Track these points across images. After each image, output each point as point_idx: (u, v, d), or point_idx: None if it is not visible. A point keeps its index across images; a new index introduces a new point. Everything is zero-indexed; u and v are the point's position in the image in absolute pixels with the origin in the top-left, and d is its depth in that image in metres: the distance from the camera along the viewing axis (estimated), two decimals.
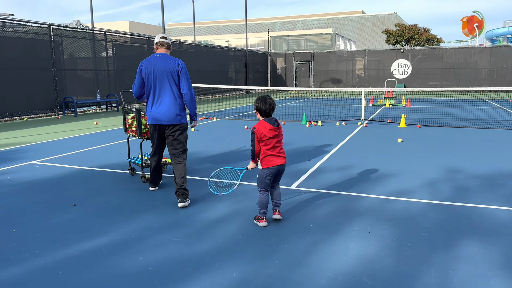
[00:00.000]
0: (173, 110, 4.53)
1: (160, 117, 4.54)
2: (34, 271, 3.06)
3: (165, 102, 4.52)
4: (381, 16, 61.53)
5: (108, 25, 50.06)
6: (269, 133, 3.75)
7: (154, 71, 4.51)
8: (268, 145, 3.79)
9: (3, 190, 5.15)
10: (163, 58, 4.55)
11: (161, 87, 4.52)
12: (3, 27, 13.06)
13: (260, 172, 3.88)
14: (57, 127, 11.31)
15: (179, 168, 4.60)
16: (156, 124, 4.61)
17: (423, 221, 4.01)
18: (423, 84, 28.07)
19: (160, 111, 4.53)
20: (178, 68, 4.53)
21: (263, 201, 3.89)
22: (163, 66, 4.49)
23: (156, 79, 4.51)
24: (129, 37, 18.88)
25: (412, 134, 9.55)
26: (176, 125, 4.59)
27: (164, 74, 4.49)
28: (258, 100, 3.81)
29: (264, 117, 3.83)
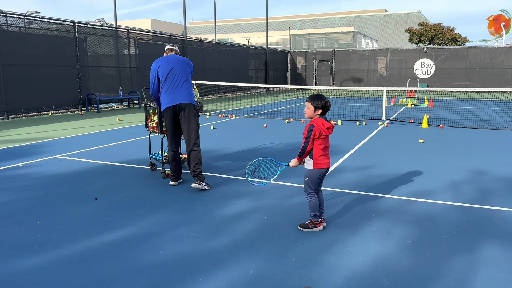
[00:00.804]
0: (187, 93, 5.04)
1: (176, 98, 4.96)
2: (57, 262, 3.15)
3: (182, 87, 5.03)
4: (404, 14, 60.54)
5: (131, 23, 50.77)
6: (326, 131, 3.61)
7: (172, 64, 5.04)
8: (322, 144, 3.65)
9: (29, 183, 5.30)
10: (175, 55, 5.21)
11: (179, 76, 5.03)
12: (30, 24, 13.40)
13: (311, 173, 3.69)
14: (80, 123, 11.56)
15: (194, 155, 4.96)
16: (171, 107, 4.95)
17: (444, 223, 3.94)
18: (447, 84, 27.52)
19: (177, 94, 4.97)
20: (189, 63, 5.24)
21: (315, 204, 3.72)
22: (180, 60, 5.12)
23: (174, 71, 5.03)
24: (152, 35, 19.10)
25: (434, 134, 9.38)
26: (189, 105, 4.97)
27: (182, 66, 5.08)
28: (322, 98, 3.64)
29: (322, 115, 3.69)
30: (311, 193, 3.73)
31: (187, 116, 4.97)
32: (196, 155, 4.97)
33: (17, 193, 4.86)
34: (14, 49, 12.59)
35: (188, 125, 4.98)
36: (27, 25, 13.24)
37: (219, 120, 12.03)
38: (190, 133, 4.98)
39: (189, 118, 4.97)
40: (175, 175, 5.20)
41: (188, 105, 4.98)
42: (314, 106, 3.65)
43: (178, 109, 4.97)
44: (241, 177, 5.62)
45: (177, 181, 5.22)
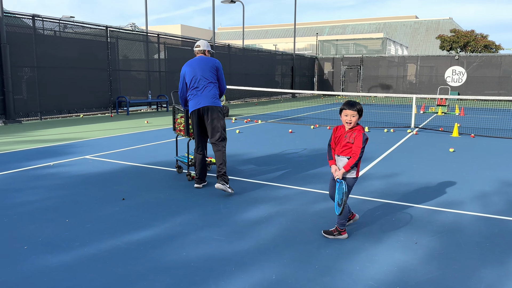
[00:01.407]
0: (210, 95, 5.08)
1: (200, 102, 5.04)
2: (84, 259, 3.22)
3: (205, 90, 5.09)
4: (436, 21, 59.33)
5: (161, 28, 51.79)
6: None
7: (194, 70, 5.13)
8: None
9: (59, 182, 5.46)
10: (201, 58, 5.25)
11: (202, 80, 5.10)
12: (64, 28, 13.86)
13: (352, 182, 3.68)
14: (110, 125, 11.83)
15: (218, 156, 5.03)
16: (195, 110, 5.06)
17: (473, 235, 3.82)
18: (479, 93, 26.73)
19: (200, 98, 5.06)
20: (215, 65, 5.23)
21: (346, 212, 3.69)
22: (203, 63, 5.16)
23: (196, 74, 5.11)
24: (181, 40, 19.42)
25: (465, 144, 9.12)
26: (212, 107, 5.02)
27: (204, 69, 5.13)
28: (358, 103, 3.61)
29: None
30: (346, 201, 3.64)
31: (210, 118, 5.03)
32: (221, 155, 5.02)
33: (48, 191, 5.02)
34: (49, 52, 13.04)
35: (211, 127, 5.04)
36: (61, 29, 13.70)
37: (245, 125, 12.08)
38: (214, 134, 5.04)
39: (212, 120, 5.03)
40: (200, 178, 5.27)
41: (211, 107, 5.03)
42: (359, 113, 3.59)
43: (202, 112, 5.04)
44: (265, 181, 5.62)
45: (201, 184, 5.27)
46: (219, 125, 5.05)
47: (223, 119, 5.15)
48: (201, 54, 5.35)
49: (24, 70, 12.42)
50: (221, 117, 5.10)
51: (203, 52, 5.36)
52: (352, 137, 3.58)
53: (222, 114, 5.13)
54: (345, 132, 3.67)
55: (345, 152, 3.63)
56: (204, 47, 5.37)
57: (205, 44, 5.41)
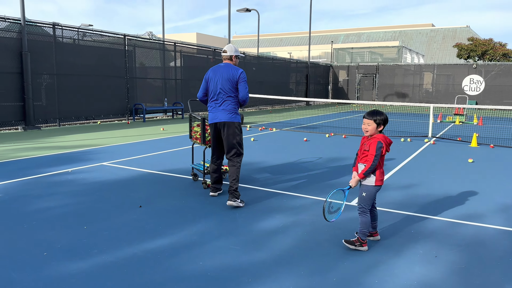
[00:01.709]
0: (225, 110, 4.98)
1: (217, 116, 4.99)
2: (102, 267, 3.24)
3: (222, 105, 5.00)
4: (452, 29, 58.76)
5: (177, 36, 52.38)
6: (388, 147, 3.63)
7: (215, 79, 5.03)
8: (382, 161, 3.64)
9: (77, 189, 5.52)
10: (226, 66, 5.06)
11: (221, 93, 4.99)
12: (83, 36, 14.12)
13: (371, 189, 3.65)
14: (127, 132, 11.96)
15: (231, 171, 4.99)
16: (212, 124, 5.04)
17: (495, 249, 3.73)
18: (497, 102, 26.30)
19: (219, 112, 4.99)
20: (237, 75, 4.99)
21: (367, 221, 3.66)
22: (224, 74, 4.99)
23: (217, 84, 5.00)
24: (197, 48, 19.60)
25: (484, 154, 8.96)
26: (228, 123, 4.94)
27: (225, 82, 4.98)
28: (379, 113, 3.61)
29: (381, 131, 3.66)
30: (366, 210, 3.68)
31: (227, 134, 4.95)
32: (234, 171, 4.96)
33: (65, 198, 5.08)
34: (68, 60, 13.29)
35: (227, 142, 4.98)
36: (80, 37, 13.96)
37: (259, 133, 12.08)
38: (230, 150, 4.99)
39: (228, 136, 4.95)
40: (215, 187, 5.26)
41: (227, 123, 4.94)
42: (377, 122, 3.60)
43: (219, 127, 5.00)
44: (281, 190, 5.60)
45: (217, 192, 5.27)
46: (235, 141, 4.98)
47: (240, 135, 5.04)
48: (227, 61, 5.15)
49: (43, 77, 12.68)
50: (237, 133, 5.00)
51: (229, 58, 5.14)
52: (368, 145, 3.63)
53: (239, 129, 5.03)
54: (365, 140, 3.72)
55: (363, 160, 3.68)
56: (230, 52, 5.15)
57: (232, 49, 5.17)
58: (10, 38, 11.68)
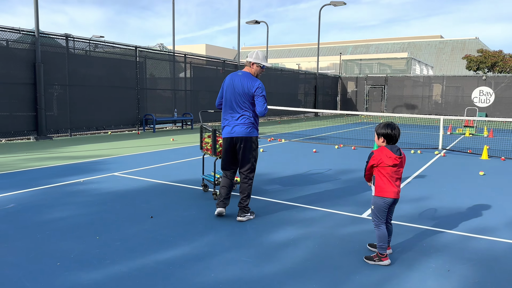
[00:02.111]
0: (243, 124, 4.70)
1: (234, 130, 4.72)
2: (114, 278, 3.26)
3: (237, 117, 4.71)
4: (461, 41, 58.63)
5: (186, 47, 52.89)
6: (388, 160, 3.58)
7: (231, 88, 4.73)
8: (388, 173, 3.61)
9: (89, 199, 5.58)
10: (243, 76, 4.73)
11: (236, 105, 4.71)
12: (95, 48, 14.35)
13: (375, 200, 3.67)
14: (138, 142, 12.06)
15: (243, 187, 4.84)
16: (228, 138, 4.77)
17: (508, 263, 3.69)
18: (508, 114, 26.09)
19: (237, 127, 4.70)
20: (252, 87, 4.67)
21: (383, 235, 3.62)
22: (240, 83, 4.69)
23: (232, 95, 4.72)
24: (206, 59, 19.78)
25: (495, 167, 8.88)
26: (245, 139, 4.69)
27: (240, 92, 4.67)
28: (386, 127, 3.62)
29: (388, 144, 3.65)
30: (378, 223, 3.67)
31: (243, 150, 4.73)
32: (246, 188, 4.79)
33: (78, 208, 5.13)
34: (79, 71, 13.49)
35: (242, 157, 4.77)
36: (92, 49, 14.19)
37: (268, 144, 12.11)
38: (244, 165, 4.78)
39: (244, 152, 4.73)
40: (223, 201, 4.86)
41: (244, 138, 4.70)
42: (377, 133, 3.70)
43: (235, 141, 4.74)
44: (291, 202, 5.60)
45: (224, 207, 4.87)
46: (251, 157, 4.77)
47: (256, 150, 4.85)
48: (246, 68, 4.83)
49: (55, 87, 12.87)
50: (254, 148, 4.78)
51: (248, 64, 4.82)
52: None
53: (256, 144, 4.83)
54: None
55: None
56: (250, 57, 4.78)
57: (254, 54, 4.79)
58: (24, 49, 11.91)
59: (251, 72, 4.80)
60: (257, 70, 4.81)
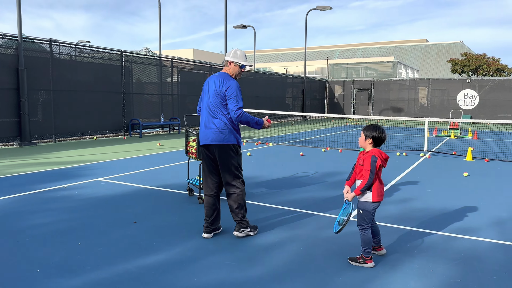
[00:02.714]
0: (217, 130, 4.16)
1: (207, 136, 4.21)
2: (95, 284, 3.20)
3: (212, 121, 4.21)
4: (446, 45, 59.53)
5: (174, 52, 52.76)
6: (384, 162, 3.58)
7: (207, 89, 4.32)
8: (380, 176, 3.60)
9: (72, 205, 5.49)
10: (218, 77, 4.27)
11: (211, 106, 4.22)
12: (80, 53, 14.22)
13: (368, 206, 3.59)
14: (123, 147, 11.95)
15: (232, 199, 4.23)
16: (203, 145, 4.27)
17: (491, 263, 3.72)
18: (492, 116, 26.52)
19: (210, 132, 4.19)
20: (224, 88, 4.16)
21: (368, 239, 3.59)
22: (213, 85, 4.24)
23: (207, 98, 4.28)
24: (193, 64, 19.74)
25: (479, 168, 9.00)
26: (220, 146, 4.15)
27: (214, 95, 4.21)
28: (375, 129, 3.59)
29: (375, 146, 3.63)
30: (365, 227, 3.61)
31: (220, 158, 4.19)
32: (235, 198, 4.21)
33: (60, 214, 5.05)
34: (64, 76, 13.35)
35: (221, 167, 4.22)
36: (77, 54, 14.06)
37: (256, 147, 12.10)
38: (224, 176, 4.23)
39: (222, 160, 4.19)
40: (210, 226, 4.25)
41: (219, 146, 4.16)
42: (365, 134, 3.63)
43: (212, 150, 4.23)
44: (277, 205, 5.59)
45: (212, 233, 4.29)
46: (230, 164, 4.20)
47: (237, 157, 4.26)
48: (226, 68, 4.37)
49: (40, 93, 12.70)
50: (232, 155, 4.20)
51: (227, 64, 4.36)
52: (363, 160, 3.60)
53: (235, 151, 4.24)
54: (361, 154, 3.69)
55: (359, 175, 3.64)
56: (228, 56, 4.35)
57: (232, 53, 4.34)
58: (7, 54, 11.74)
59: (229, 72, 4.33)
60: (235, 70, 4.33)
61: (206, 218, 4.28)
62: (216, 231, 4.33)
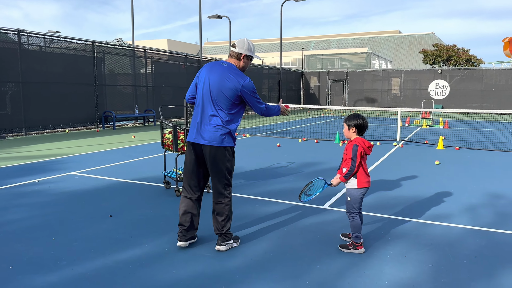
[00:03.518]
0: (216, 129, 3.63)
1: (201, 135, 3.66)
2: (71, 279, 3.15)
3: (211, 119, 3.65)
4: (418, 36, 60.64)
5: (148, 43, 51.83)
6: (367, 150, 3.70)
7: (209, 80, 3.68)
8: (364, 163, 3.71)
9: (44, 199, 5.36)
10: (228, 69, 3.69)
11: (213, 100, 3.65)
12: (50, 43, 13.79)
13: (354, 192, 3.71)
14: (97, 140, 11.72)
15: (218, 209, 3.74)
16: (191, 143, 3.76)
17: (461, 247, 3.86)
18: (462, 106, 27.28)
19: (205, 132, 3.65)
20: (239, 86, 3.61)
21: (358, 225, 3.70)
22: (219, 77, 3.65)
23: (209, 89, 3.66)
24: (168, 54, 19.45)
25: (450, 156, 9.26)
26: (215, 148, 3.63)
27: (217, 87, 3.62)
28: (355, 118, 3.74)
29: (358, 134, 3.76)
30: (354, 213, 3.73)
31: (213, 162, 3.65)
32: (222, 209, 3.71)
33: (33, 209, 4.92)
34: (34, 67, 12.93)
35: (212, 170, 3.70)
36: (47, 44, 13.62)
37: None
38: (215, 182, 3.73)
39: (214, 164, 3.65)
40: (185, 235, 3.75)
41: (215, 148, 3.62)
42: (347, 125, 3.76)
43: (202, 150, 3.68)
44: (254, 196, 5.61)
45: (188, 242, 3.79)
46: (223, 168, 3.68)
47: (231, 160, 3.75)
48: (233, 60, 3.78)
49: (8, 85, 12.27)
50: (228, 158, 3.69)
51: (237, 56, 3.76)
52: (346, 148, 3.75)
53: (231, 153, 3.73)
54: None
55: (344, 164, 3.76)
56: (241, 48, 3.73)
57: (244, 44, 3.75)
58: None
59: (238, 66, 3.78)
60: (247, 65, 3.84)
61: (181, 225, 3.75)
62: (192, 240, 3.84)
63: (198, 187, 3.80)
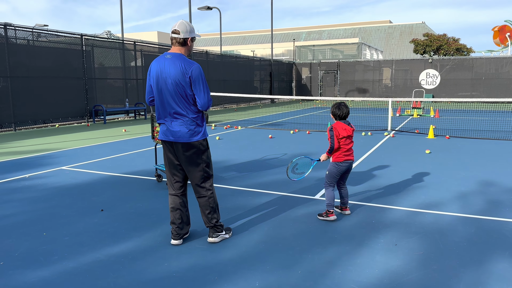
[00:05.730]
0: (182, 125, 3.52)
1: (169, 132, 3.56)
2: (62, 274, 3.14)
3: (174, 115, 3.53)
4: (409, 25, 60.73)
5: (137, 35, 51.30)
6: (343, 132, 4.25)
7: (160, 76, 3.50)
8: (346, 144, 4.29)
9: (35, 195, 5.32)
10: (173, 60, 3.48)
11: (170, 96, 3.48)
12: (38, 37, 13.59)
13: (330, 166, 4.35)
14: (87, 134, 11.63)
15: (202, 204, 3.72)
16: (164, 140, 3.65)
17: (451, 235, 3.90)
18: (452, 95, 27.46)
19: (168, 127, 3.56)
20: (188, 74, 3.43)
21: (332, 195, 4.30)
22: (171, 71, 3.45)
23: (163, 86, 3.49)
24: (158, 47, 19.29)
25: (440, 145, 9.34)
26: (185, 144, 3.54)
27: (171, 81, 3.45)
28: (333, 107, 4.39)
29: (339, 120, 4.35)
30: (329, 184, 4.36)
31: (187, 158, 3.57)
32: (206, 202, 3.69)
33: (23, 205, 4.89)
34: (22, 61, 12.75)
35: (188, 167, 3.62)
36: (35, 38, 13.43)
37: (225, 131, 12.06)
38: (192, 177, 3.66)
39: (189, 160, 3.58)
40: (179, 232, 3.71)
41: (186, 144, 3.53)
42: (331, 112, 4.44)
43: (174, 146, 3.60)
44: (246, 188, 5.62)
45: (182, 239, 3.76)
46: (200, 161, 3.61)
47: (206, 152, 3.65)
48: (178, 48, 3.55)
49: None
50: (202, 150, 3.59)
51: (182, 43, 3.54)
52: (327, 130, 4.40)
53: (204, 146, 3.62)
54: None
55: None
56: (185, 33, 3.51)
57: (187, 27, 3.52)
58: None
59: (183, 52, 3.56)
60: (191, 47, 3.62)
61: (173, 223, 3.70)
62: (185, 235, 3.82)
63: (181, 183, 3.73)
